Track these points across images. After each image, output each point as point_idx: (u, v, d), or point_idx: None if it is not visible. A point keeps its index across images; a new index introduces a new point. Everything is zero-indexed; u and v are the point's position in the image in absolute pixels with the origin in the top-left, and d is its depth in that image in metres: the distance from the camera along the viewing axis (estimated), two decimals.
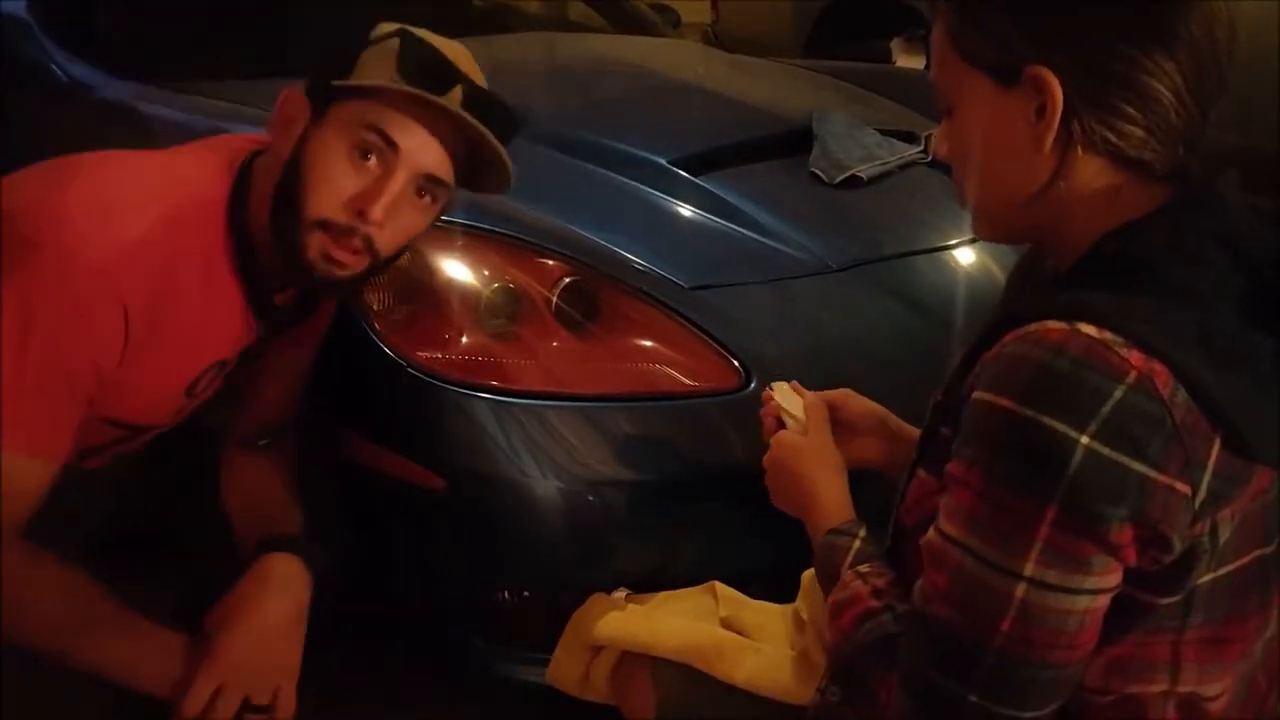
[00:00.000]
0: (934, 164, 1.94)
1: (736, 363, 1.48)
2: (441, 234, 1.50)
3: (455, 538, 1.46)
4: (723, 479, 1.46)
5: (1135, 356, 0.73)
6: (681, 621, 1.20)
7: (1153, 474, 0.72)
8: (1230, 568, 0.79)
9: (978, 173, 0.87)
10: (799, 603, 1.19)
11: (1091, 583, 0.75)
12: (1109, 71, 0.78)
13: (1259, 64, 2.84)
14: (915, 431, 1.06)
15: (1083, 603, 0.75)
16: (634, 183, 1.79)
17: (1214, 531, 0.76)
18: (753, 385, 1.47)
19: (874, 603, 0.90)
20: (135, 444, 1.25)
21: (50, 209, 1.03)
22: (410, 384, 1.42)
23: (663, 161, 1.84)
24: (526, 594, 1.49)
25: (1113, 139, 0.80)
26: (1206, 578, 0.78)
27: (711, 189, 1.81)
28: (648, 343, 1.51)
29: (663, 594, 1.29)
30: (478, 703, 1.56)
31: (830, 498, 1.05)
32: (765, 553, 1.20)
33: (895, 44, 4.65)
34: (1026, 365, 0.74)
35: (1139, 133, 0.80)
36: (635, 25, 3.00)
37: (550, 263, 1.52)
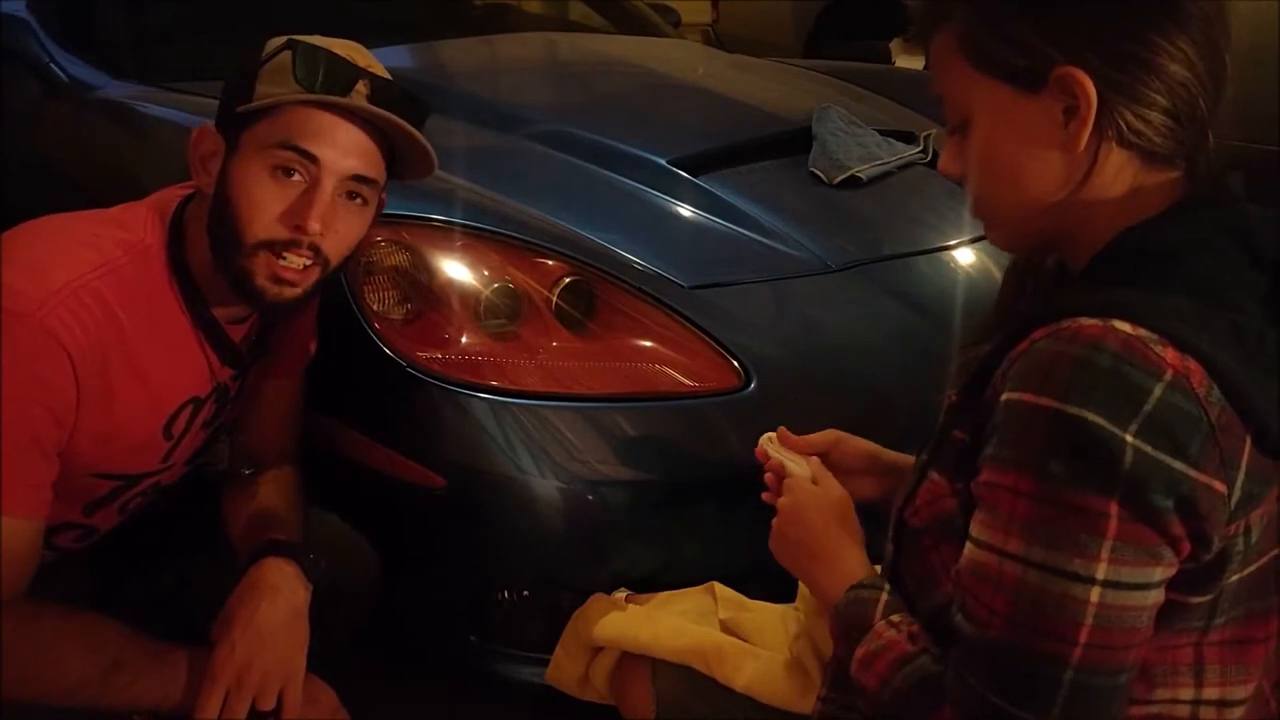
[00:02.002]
0: (933, 164, 1.94)
1: (736, 363, 1.48)
2: (441, 234, 1.51)
3: (455, 537, 1.46)
4: (722, 479, 1.46)
5: (1170, 354, 0.71)
6: (682, 623, 1.20)
7: (1192, 473, 0.71)
8: (1253, 567, 0.79)
9: (1002, 185, 0.84)
10: (798, 602, 1.19)
11: (1160, 574, 0.73)
12: (1135, 60, 0.77)
13: (1259, 64, 2.84)
14: (907, 460, 1.04)
15: (1153, 596, 0.73)
16: (634, 183, 1.79)
17: (1247, 532, 0.75)
18: (752, 385, 1.47)
19: (910, 647, 0.86)
20: (138, 493, 1.25)
21: None
22: (410, 384, 1.42)
23: (663, 161, 1.84)
24: (526, 594, 1.49)
25: (1144, 129, 0.78)
26: (1234, 578, 0.77)
27: (711, 189, 1.81)
28: (647, 342, 1.51)
29: (662, 594, 1.29)
30: (478, 703, 1.56)
31: (853, 553, 0.98)
32: (765, 553, 1.20)
33: (895, 44, 4.66)
34: (1064, 362, 0.72)
35: (1166, 121, 0.78)
36: (636, 25, 3.00)
37: (550, 263, 1.52)
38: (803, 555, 1.01)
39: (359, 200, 1.17)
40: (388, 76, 1.17)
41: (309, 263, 1.13)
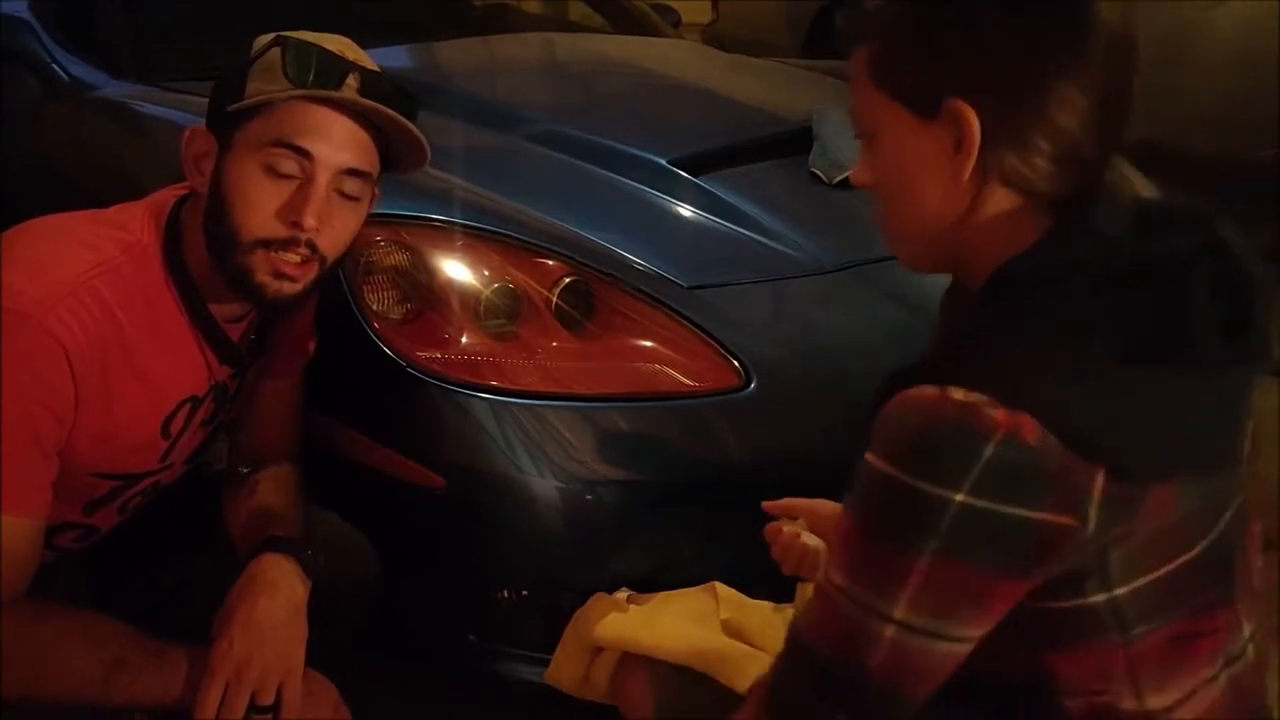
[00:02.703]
0: None
1: (736, 363, 1.49)
2: (441, 234, 1.51)
3: (454, 537, 1.46)
4: (722, 479, 1.46)
5: (1001, 414, 0.76)
6: (683, 625, 1.20)
7: (1031, 514, 0.76)
8: (1151, 577, 0.82)
9: (898, 202, 0.89)
10: (797, 602, 1.19)
11: (958, 631, 0.80)
12: (1023, 105, 0.81)
13: (1259, 65, 2.84)
14: None
15: (945, 647, 0.80)
16: (633, 183, 1.79)
17: (1102, 553, 0.79)
18: (752, 385, 1.47)
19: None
20: (138, 492, 1.25)
21: None
22: (410, 383, 1.43)
23: (662, 161, 1.84)
24: (526, 594, 1.49)
25: (1027, 172, 0.83)
26: (1123, 589, 0.81)
27: (711, 189, 1.81)
28: (647, 342, 1.51)
29: (663, 594, 1.29)
30: (478, 703, 1.56)
31: None
32: (765, 553, 1.20)
33: None
34: (902, 430, 0.79)
35: (1047, 165, 0.82)
36: (635, 25, 3.00)
37: (550, 263, 1.52)
38: None
39: (354, 193, 1.17)
40: (377, 70, 1.17)
41: (307, 257, 1.13)
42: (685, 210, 1.77)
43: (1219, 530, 0.86)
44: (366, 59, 1.18)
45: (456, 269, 1.49)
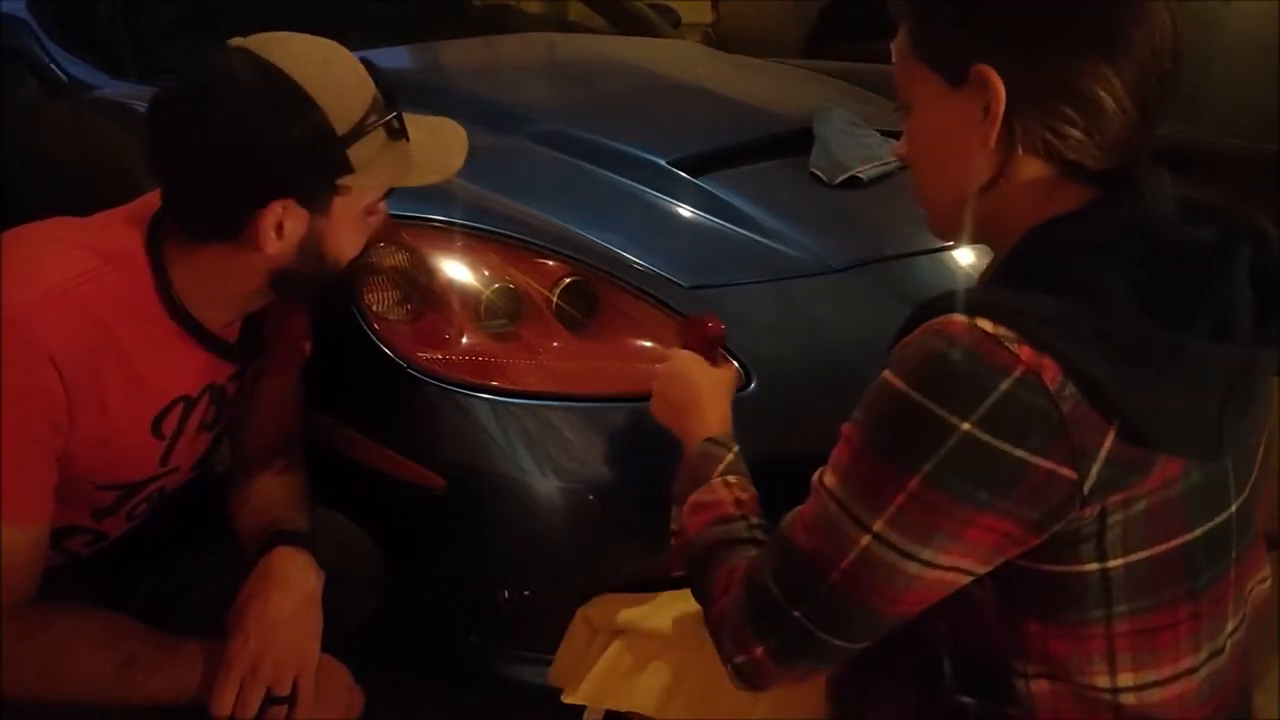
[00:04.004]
0: None
1: (736, 363, 1.48)
2: (442, 234, 1.51)
3: (455, 537, 1.46)
4: None
5: (1025, 351, 0.77)
6: (686, 625, 1.20)
7: (1032, 459, 0.77)
8: (1146, 554, 0.83)
9: (930, 169, 0.93)
10: None
11: (927, 555, 0.81)
12: (1050, 76, 0.82)
13: (1259, 64, 2.84)
14: None
15: (913, 568, 0.82)
16: (634, 183, 1.79)
17: (1102, 514, 0.80)
18: (753, 385, 1.47)
19: (733, 510, 1.01)
20: (143, 499, 1.25)
21: None
22: (410, 384, 1.43)
23: (663, 162, 1.84)
24: (526, 594, 1.49)
25: (1053, 140, 0.84)
26: (1117, 561, 0.82)
27: (711, 189, 1.80)
28: (648, 343, 1.51)
29: (664, 594, 1.29)
30: (478, 703, 1.56)
31: (717, 412, 1.15)
32: None
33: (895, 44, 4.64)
34: (922, 353, 0.80)
35: (1079, 135, 0.83)
36: (635, 26, 3.00)
37: (550, 263, 1.52)
38: (675, 411, 1.18)
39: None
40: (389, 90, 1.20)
41: None
42: (686, 211, 1.77)
43: (1223, 517, 0.86)
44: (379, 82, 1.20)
45: (457, 269, 1.49)
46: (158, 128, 1.13)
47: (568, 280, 1.51)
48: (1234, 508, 0.87)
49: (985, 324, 0.78)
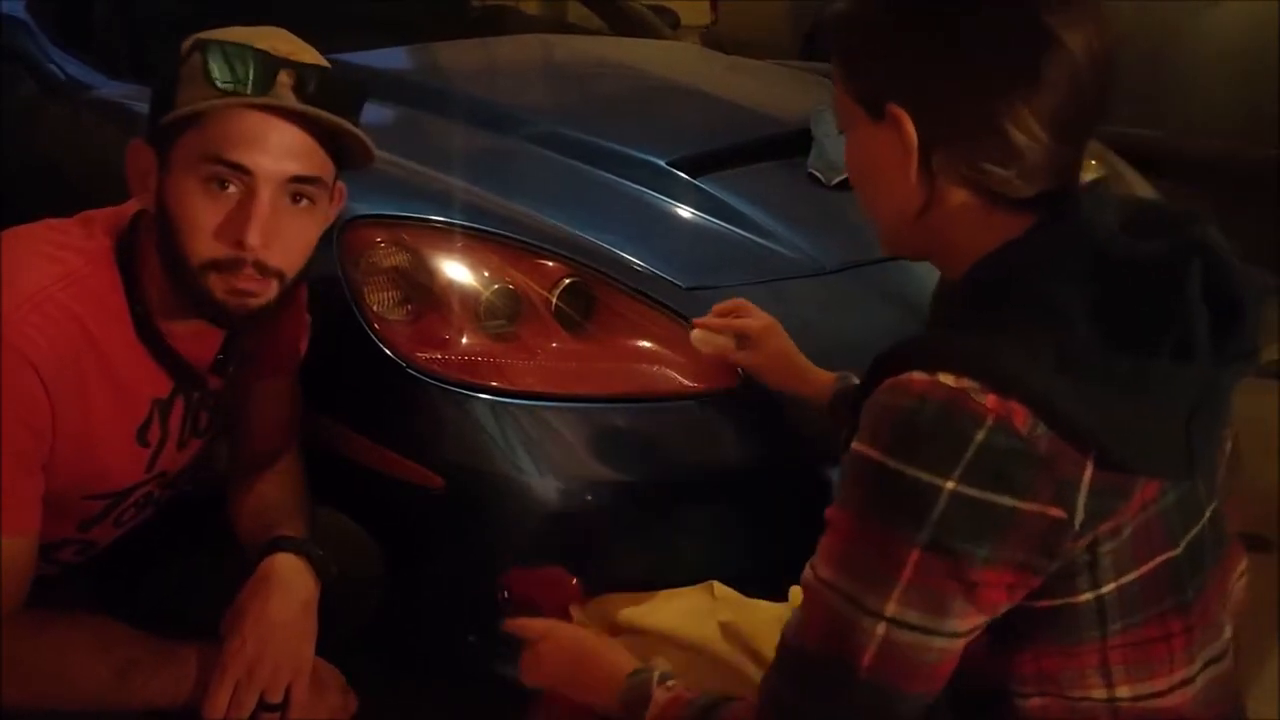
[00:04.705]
0: None
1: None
2: (441, 235, 1.51)
3: (454, 537, 1.46)
4: (721, 479, 1.46)
5: (991, 400, 0.76)
6: (686, 626, 1.20)
7: (1022, 504, 0.77)
8: (1135, 574, 0.83)
9: (866, 192, 0.93)
10: (791, 601, 1.19)
11: (950, 626, 0.80)
12: (963, 118, 0.82)
13: (1259, 64, 2.84)
14: (819, 374, 1.34)
15: (939, 643, 0.80)
16: (632, 184, 1.79)
17: (1093, 546, 0.80)
18: (744, 385, 1.47)
19: (693, 694, 0.96)
20: (131, 504, 1.24)
21: None
22: (410, 384, 1.43)
23: (661, 163, 1.84)
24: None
25: (972, 175, 0.84)
26: (1110, 586, 0.82)
27: (709, 190, 1.81)
28: (646, 343, 1.51)
29: (663, 594, 1.29)
30: (478, 703, 1.56)
31: (619, 654, 1.09)
32: (764, 553, 1.20)
33: None
34: (891, 417, 0.79)
35: (999, 171, 0.83)
36: (634, 27, 3.00)
37: (550, 264, 1.52)
38: (576, 667, 1.10)
39: (305, 201, 1.09)
40: (319, 61, 1.09)
41: (258, 276, 1.07)
42: (684, 211, 1.77)
43: (1199, 527, 0.87)
44: (305, 50, 1.09)
45: (457, 270, 1.49)
46: None
47: (567, 281, 1.51)
48: (1207, 514, 0.88)
49: (948, 378, 0.77)
